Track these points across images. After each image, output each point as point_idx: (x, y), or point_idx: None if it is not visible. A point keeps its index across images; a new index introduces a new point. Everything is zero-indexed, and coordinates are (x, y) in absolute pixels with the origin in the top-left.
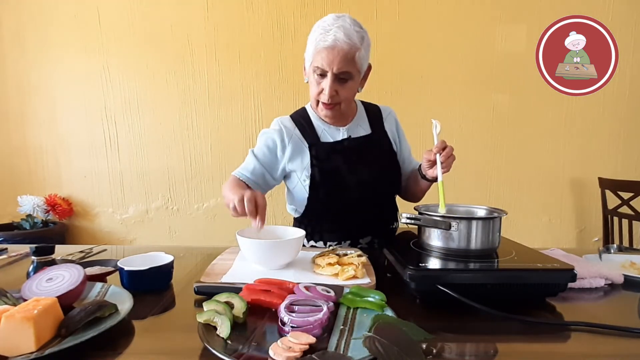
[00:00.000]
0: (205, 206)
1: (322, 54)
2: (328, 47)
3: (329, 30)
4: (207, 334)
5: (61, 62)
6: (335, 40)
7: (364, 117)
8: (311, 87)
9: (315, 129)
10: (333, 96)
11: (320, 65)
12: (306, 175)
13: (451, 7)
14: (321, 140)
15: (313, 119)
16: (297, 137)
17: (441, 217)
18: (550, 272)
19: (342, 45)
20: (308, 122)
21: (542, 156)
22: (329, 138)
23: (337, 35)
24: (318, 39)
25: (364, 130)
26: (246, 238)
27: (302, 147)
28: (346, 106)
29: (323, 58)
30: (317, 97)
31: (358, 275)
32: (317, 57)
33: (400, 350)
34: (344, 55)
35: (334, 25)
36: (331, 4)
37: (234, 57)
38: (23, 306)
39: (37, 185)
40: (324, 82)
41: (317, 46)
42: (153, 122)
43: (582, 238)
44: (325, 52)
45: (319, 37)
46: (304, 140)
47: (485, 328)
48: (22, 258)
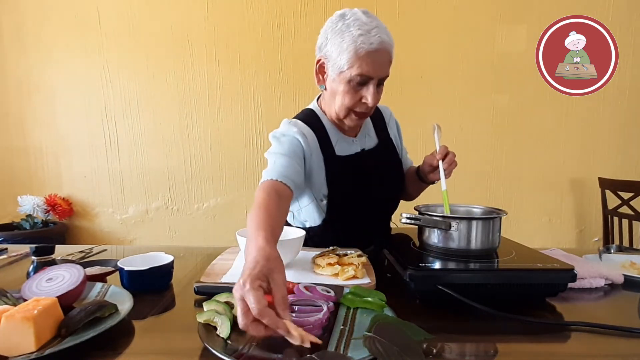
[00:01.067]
0: (205, 206)
1: (367, 59)
2: (375, 50)
3: (370, 30)
4: (207, 334)
5: (61, 62)
6: (382, 43)
7: (370, 124)
8: (343, 98)
9: (331, 141)
10: (374, 105)
11: (365, 72)
12: (323, 195)
13: (451, 7)
14: (336, 154)
15: (329, 129)
16: (316, 148)
17: (441, 217)
18: (550, 272)
19: (387, 47)
20: (323, 131)
21: (542, 156)
22: (343, 151)
23: (382, 36)
24: (359, 41)
25: (372, 139)
26: (246, 238)
27: (319, 161)
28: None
29: (368, 63)
30: (354, 106)
31: (358, 275)
32: (361, 63)
33: (400, 350)
34: (389, 57)
35: (373, 25)
36: (331, 4)
37: (234, 57)
38: (23, 306)
39: (37, 185)
40: (364, 90)
41: (359, 50)
42: (153, 122)
43: (582, 238)
44: (372, 56)
45: (360, 38)
46: (321, 152)
47: (485, 328)
48: (22, 258)
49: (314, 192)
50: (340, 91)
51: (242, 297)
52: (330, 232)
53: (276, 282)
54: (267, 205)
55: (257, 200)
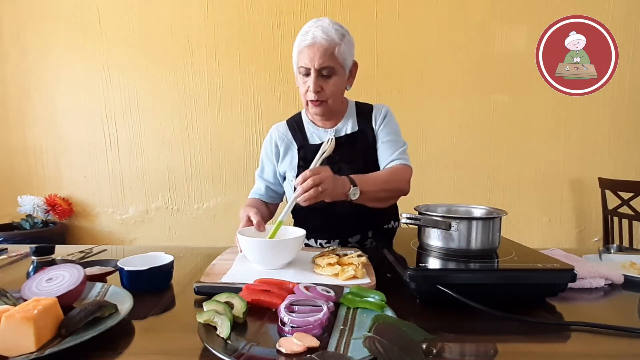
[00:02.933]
0: (205, 206)
1: (304, 53)
2: (308, 45)
3: (307, 32)
4: (207, 334)
5: (61, 62)
6: (314, 38)
7: (353, 115)
8: (300, 89)
9: (305, 132)
10: (319, 92)
11: (303, 64)
12: (293, 175)
13: (451, 7)
14: (309, 142)
15: (305, 122)
16: (289, 140)
17: (441, 217)
18: (550, 272)
19: (321, 42)
20: (300, 125)
21: (542, 156)
22: (317, 140)
23: (316, 33)
24: (299, 41)
25: (350, 128)
26: (247, 237)
27: (292, 149)
28: (334, 103)
29: (304, 56)
30: (305, 96)
31: (358, 276)
32: (300, 57)
33: (400, 350)
34: (324, 50)
35: (313, 27)
36: (331, 4)
37: (234, 57)
38: (23, 306)
39: (37, 185)
40: (308, 80)
41: (299, 47)
42: (153, 122)
43: (582, 238)
44: (306, 50)
45: (300, 38)
46: (294, 142)
47: (485, 328)
48: (22, 258)
49: (288, 174)
50: (299, 84)
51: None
52: (304, 215)
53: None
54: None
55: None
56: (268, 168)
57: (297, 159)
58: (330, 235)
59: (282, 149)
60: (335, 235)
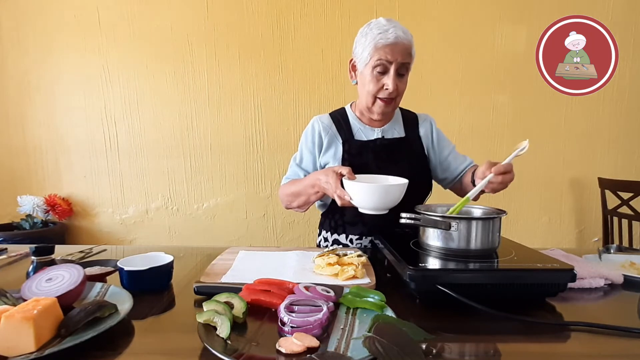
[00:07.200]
0: (205, 206)
1: (385, 50)
2: (391, 43)
3: (387, 30)
4: (207, 334)
5: (61, 62)
6: (397, 37)
7: (400, 121)
8: (367, 86)
9: (351, 127)
10: (394, 90)
11: (385, 58)
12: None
13: (451, 7)
14: (355, 138)
15: (351, 117)
16: (333, 133)
17: (441, 217)
18: (550, 272)
19: (403, 41)
20: (345, 120)
21: (542, 156)
22: (363, 137)
23: (397, 32)
24: (378, 38)
25: (398, 133)
26: (357, 182)
27: (336, 143)
28: (399, 103)
29: (387, 52)
30: (377, 93)
31: (358, 276)
32: (380, 53)
33: (400, 350)
34: (406, 48)
35: (391, 26)
36: (331, 4)
37: (234, 57)
38: (23, 306)
39: (37, 185)
40: (385, 78)
41: (378, 44)
42: (153, 122)
43: (582, 238)
44: (389, 47)
45: (379, 35)
46: (339, 136)
47: (485, 328)
48: (22, 258)
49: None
50: (367, 80)
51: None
52: (340, 209)
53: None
54: (290, 182)
55: (284, 186)
56: (307, 158)
57: (342, 152)
58: (362, 232)
59: (325, 140)
60: (367, 232)
